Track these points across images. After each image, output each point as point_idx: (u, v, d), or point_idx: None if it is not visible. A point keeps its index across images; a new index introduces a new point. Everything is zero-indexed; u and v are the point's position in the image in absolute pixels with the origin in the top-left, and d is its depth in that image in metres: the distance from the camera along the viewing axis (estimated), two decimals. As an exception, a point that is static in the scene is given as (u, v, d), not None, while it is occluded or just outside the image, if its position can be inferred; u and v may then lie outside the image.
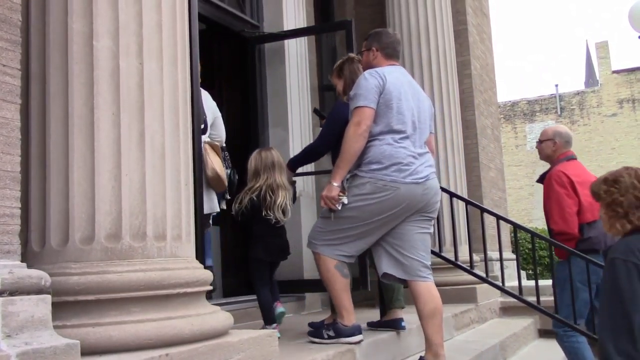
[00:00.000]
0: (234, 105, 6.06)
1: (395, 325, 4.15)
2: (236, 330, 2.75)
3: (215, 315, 2.53)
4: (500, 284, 4.78)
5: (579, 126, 28.46)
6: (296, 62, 6.06)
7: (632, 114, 27.73)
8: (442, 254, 5.00)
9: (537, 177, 4.50)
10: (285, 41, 5.92)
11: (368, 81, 3.65)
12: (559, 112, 28.87)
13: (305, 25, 6.32)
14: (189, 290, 2.42)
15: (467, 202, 5.33)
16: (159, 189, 2.41)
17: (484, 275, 5.03)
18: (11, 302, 1.79)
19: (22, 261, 1.99)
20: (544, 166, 4.60)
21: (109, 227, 2.29)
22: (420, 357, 3.66)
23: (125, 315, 2.23)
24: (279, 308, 3.92)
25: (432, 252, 4.93)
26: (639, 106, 27.63)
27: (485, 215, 4.97)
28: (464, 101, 7.63)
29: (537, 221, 24.96)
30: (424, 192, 3.62)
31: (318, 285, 5.65)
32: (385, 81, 3.64)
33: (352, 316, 3.64)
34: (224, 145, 4.68)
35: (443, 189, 5.16)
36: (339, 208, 3.59)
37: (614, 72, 28.30)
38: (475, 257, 5.45)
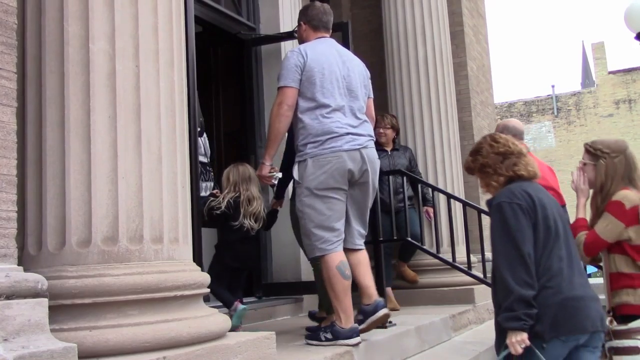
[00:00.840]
0: (230, 108, 6.05)
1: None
2: (233, 332, 2.74)
3: (213, 318, 2.53)
4: (498, 285, 4.77)
5: (575, 127, 28.52)
6: (293, 64, 6.05)
7: (628, 114, 27.80)
8: (440, 255, 5.01)
9: None
10: (282, 43, 5.91)
11: (289, 60, 3.72)
12: (556, 113, 28.93)
13: (302, 27, 6.32)
14: (186, 293, 2.42)
15: (464, 203, 5.34)
16: (155, 192, 2.41)
17: (481, 276, 5.03)
18: (8, 306, 1.78)
19: (18, 265, 1.98)
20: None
21: (106, 230, 2.29)
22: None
23: (123, 318, 2.23)
24: (240, 306, 3.98)
25: (430, 254, 4.96)
26: (635, 106, 27.70)
27: (483, 216, 4.97)
28: (460, 102, 7.64)
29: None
30: (363, 160, 3.68)
31: (315, 287, 5.66)
32: (306, 58, 3.70)
33: (350, 318, 3.64)
34: (207, 160, 4.72)
35: (440, 190, 5.18)
36: (275, 182, 3.88)
37: (610, 72, 28.38)
38: (473, 258, 5.46)
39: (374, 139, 3.87)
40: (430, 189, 5.75)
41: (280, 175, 3.88)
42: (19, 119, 2.18)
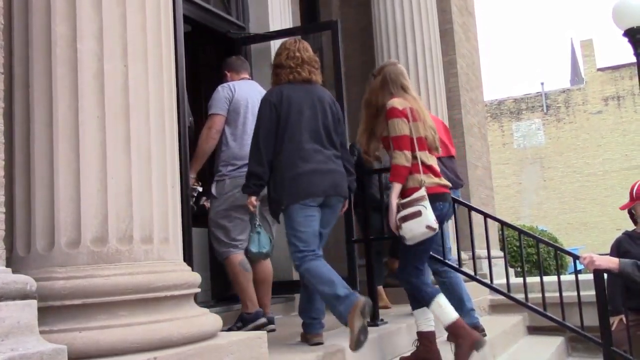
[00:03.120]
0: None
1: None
2: (225, 332, 2.74)
3: (204, 318, 2.52)
4: (489, 282, 4.80)
5: (565, 124, 28.65)
6: (282, 62, 6.04)
7: (617, 111, 27.96)
8: (430, 253, 5.00)
9: (524, 174, 4.56)
10: (272, 42, 5.91)
11: (219, 93, 4.48)
12: (545, 110, 29.05)
13: (291, 26, 6.32)
14: (176, 293, 2.41)
15: (455, 201, 5.34)
16: (145, 192, 2.40)
17: (472, 273, 5.04)
18: (-4, 308, 1.77)
19: (7, 266, 1.97)
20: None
21: (95, 230, 2.28)
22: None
23: (113, 319, 2.22)
24: None
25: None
26: (624, 103, 27.87)
27: (473, 213, 4.98)
28: (450, 100, 7.65)
29: (524, 219, 25.15)
30: None
31: (307, 285, 5.66)
32: (234, 92, 4.47)
33: (255, 304, 4.22)
34: None
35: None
36: (194, 194, 4.45)
37: (599, 69, 28.53)
38: (464, 256, 5.47)
39: None
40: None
41: (200, 189, 4.57)
42: (6, 119, 2.17)
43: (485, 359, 4.79)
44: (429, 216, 3.66)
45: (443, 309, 3.75)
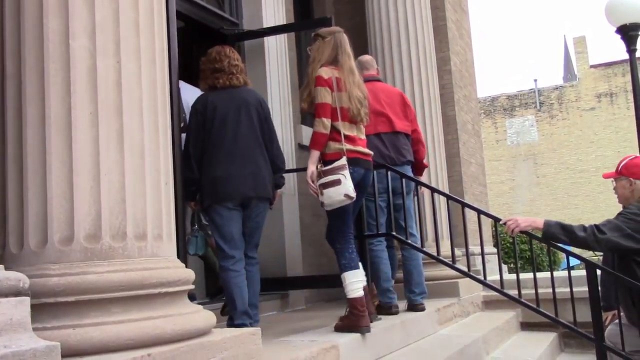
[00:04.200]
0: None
1: None
2: (219, 329, 2.74)
3: (198, 315, 2.52)
4: (482, 278, 4.82)
5: (558, 120, 28.76)
6: (276, 59, 6.04)
7: (610, 107, 28.08)
8: (424, 249, 5.02)
9: (517, 171, 4.59)
10: (265, 38, 5.90)
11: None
12: (538, 107, 29.15)
13: (285, 23, 6.31)
14: (170, 289, 2.41)
15: (449, 197, 5.36)
16: (138, 189, 2.39)
17: (466, 269, 5.06)
18: (-11, 305, 1.77)
19: (-1, 263, 1.96)
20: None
21: (89, 227, 2.27)
22: None
23: (106, 316, 2.22)
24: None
25: (415, 247, 4.97)
26: (616, 100, 27.99)
27: (467, 210, 5.00)
28: (444, 97, 7.66)
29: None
30: None
31: (301, 283, 5.68)
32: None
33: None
34: None
35: (424, 185, 5.20)
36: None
37: (591, 66, 28.65)
38: (457, 252, 5.48)
39: None
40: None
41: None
42: (-2, 116, 2.15)
43: (479, 355, 4.81)
44: (347, 185, 3.82)
45: (347, 284, 3.96)
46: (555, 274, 4.79)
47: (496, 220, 4.64)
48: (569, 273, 4.49)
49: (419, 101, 6.41)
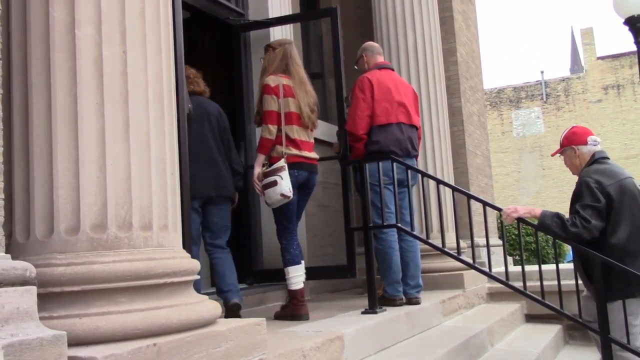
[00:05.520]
0: (219, 94, 6.02)
1: None
2: (224, 319, 2.75)
3: (203, 305, 2.53)
4: (487, 270, 4.80)
5: (564, 112, 28.63)
6: (282, 50, 6.01)
7: (616, 99, 27.93)
8: (430, 241, 5.01)
9: (523, 163, 4.62)
10: (271, 29, 5.88)
11: None
12: (545, 99, 29.02)
13: (291, 13, 6.29)
14: (176, 279, 2.41)
15: (454, 189, 5.34)
16: (144, 179, 2.40)
17: (471, 261, 5.04)
18: (-4, 294, 1.78)
19: (6, 252, 1.97)
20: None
21: (95, 217, 2.28)
22: None
23: (112, 305, 2.23)
24: None
25: (420, 239, 4.96)
26: (623, 92, 27.82)
27: (472, 201, 4.99)
28: (450, 88, 7.63)
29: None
30: None
31: (306, 273, 5.67)
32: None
33: None
34: None
35: (430, 176, 5.19)
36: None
37: (598, 58, 28.46)
38: (462, 244, 5.48)
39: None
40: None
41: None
42: (4, 105, 2.16)
43: (483, 346, 4.82)
44: (283, 186, 4.15)
45: (290, 277, 4.31)
46: (561, 266, 4.77)
47: (501, 212, 4.62)
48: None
49: (424, 92, 6.39)
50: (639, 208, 3.94)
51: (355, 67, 5.44)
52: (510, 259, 6.96)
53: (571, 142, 4.23)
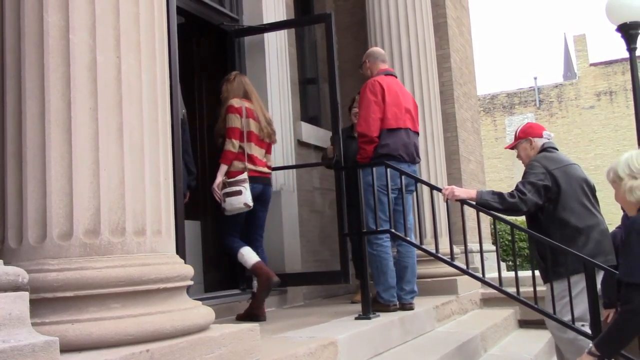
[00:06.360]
0: (214, 99, 6.02)
1: None
2: (218, 324, 2.74)
3: (197, 310, 2.52)
4: (481, 276, 4.81)
5: (557, 118, 28.72)
6: (276, 55, 6.03)
7: (609, 106, 28.04)
8: (423, 246, 5.01)
9: (516, 169, 4.70)
10: (265, 34, 5.89)
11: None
12: (538, 105, 29.12)
13: (285, 19, 6.30)
14: (169, 285, 2.41)
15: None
16: (138, 184, 2.39)
17: (464, 267, 5.05)
18: (-12, 300, 1.76)
19: (-2, 258, 1.96)
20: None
21: (88, 222, 2.27)
22: None
23: (105, 311, 2.21)
24: None
25: (413, 245, 4.97)
26: (616, 98, 27.95)
27: (465, 207, 4.99)
28: (443, 94, 7.65)
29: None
30: None
31: (299, 279, 5.67)
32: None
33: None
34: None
35: (423, 182, 5.19)
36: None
37: (591, 64, 28.59)
38: (456, 249, 5.48)
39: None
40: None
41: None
42: (-2, 110, 2.14)
43: (476, 352, 4.82)
44: (246, 196, 4.62)
45: (244, 257, 4.67)
46: (554, 271, 4.78)
47: (495, 218, 4.64)
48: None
49: (418, 97, 6.40)
50: (584, 192, 4.17)
51: (360, 71, 5.54)
52: (503, 265, 6.97)
53: (527, 134, 4.45)
